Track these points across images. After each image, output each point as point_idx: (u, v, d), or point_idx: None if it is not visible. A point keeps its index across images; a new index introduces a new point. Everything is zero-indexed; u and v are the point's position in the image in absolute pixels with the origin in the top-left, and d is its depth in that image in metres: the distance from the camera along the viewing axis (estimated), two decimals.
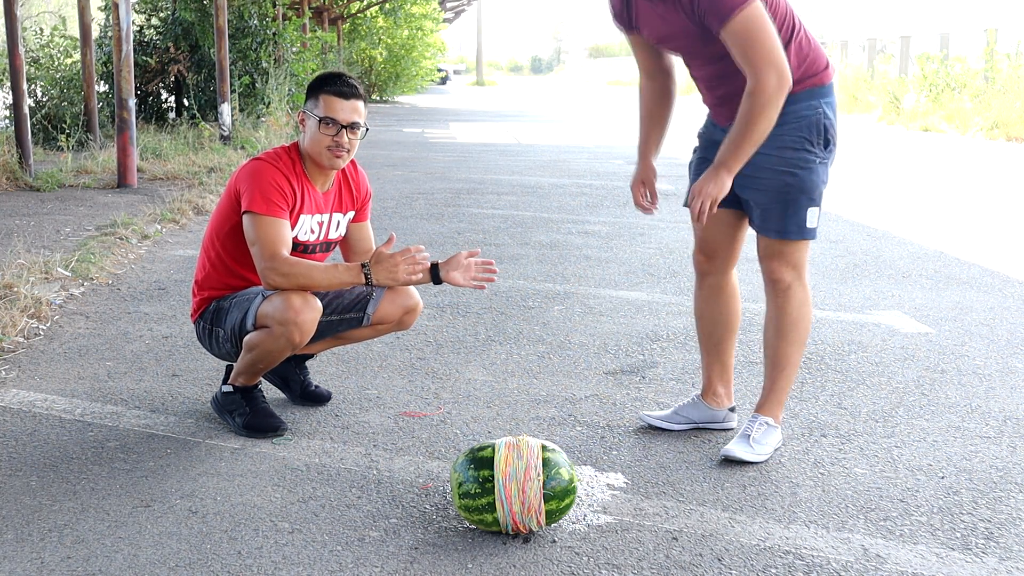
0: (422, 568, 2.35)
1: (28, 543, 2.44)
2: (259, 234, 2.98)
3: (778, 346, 3.03)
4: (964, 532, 2.56)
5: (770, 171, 2.89)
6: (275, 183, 3.02)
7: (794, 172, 2.88)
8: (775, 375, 3.06)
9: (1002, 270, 5.78)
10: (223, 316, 3.16)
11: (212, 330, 3.20)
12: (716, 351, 3.20)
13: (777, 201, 2.91)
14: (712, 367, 3.21)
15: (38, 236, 6.14)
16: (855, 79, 23.60)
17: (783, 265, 2.99)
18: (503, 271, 5.62)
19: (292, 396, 3.43)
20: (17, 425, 3.22)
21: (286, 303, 2.95)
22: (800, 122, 2.86)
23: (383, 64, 30.16)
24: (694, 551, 2.45)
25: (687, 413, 3.21)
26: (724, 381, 3.21)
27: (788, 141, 2.86)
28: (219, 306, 3.18)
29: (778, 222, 2.94)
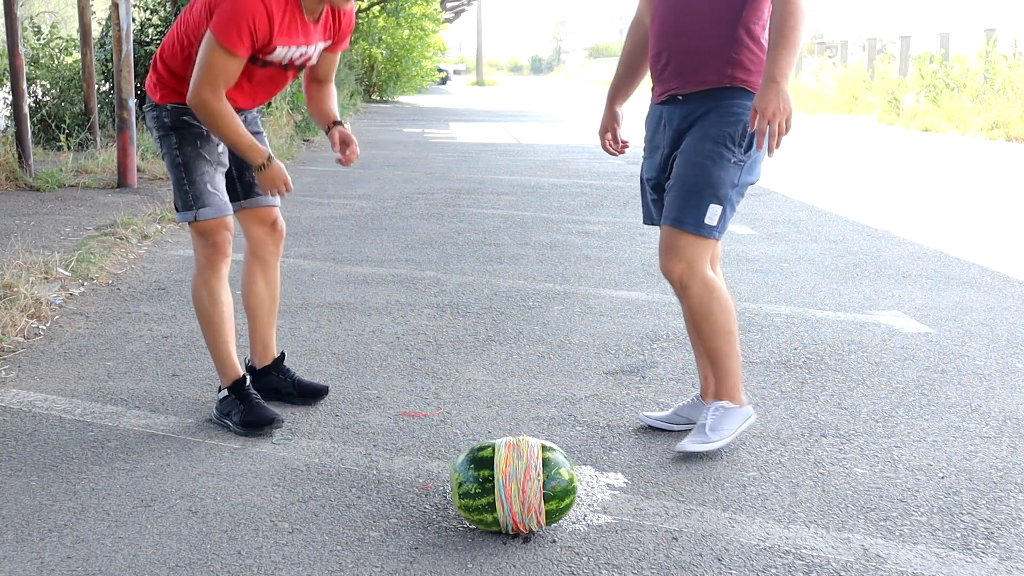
0: (422, 568, 2.35)
1: (28, 543, 2.44)
2: (208, 61, 2.94)
3: (702, 342, 3.04)
4: (964, 532, 2.56)
5: (684, 157, 2.88)
6: (250, 18, 2.91)
7: (705, 163, 2.84)
8: (715, 367, 3.05)
9: (1002, 270, 5.78)
10: (174, 152, 3.15)
11: (166, 141, 3.18)
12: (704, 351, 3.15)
13: (681, 189, 2.87)
14: (704, 366, 3.19)
15: (38, 236, 6.14)
16: (855, 79, 23.59)
17: (674, 259, 2.92)
18: (503, 271, 5.62)
19: (291, 398, 3.42)
20: (17, 425, 3.22)
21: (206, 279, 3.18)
22: (730, 118, 2.83)
23: (383, 64, 30.16)
24: (694, 551, 2.45)
25: (687, 414, 3.21)
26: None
27: (713, 133, 2.84)
28: (175, 135, 3.14)
29: (676, 211, 2.88)
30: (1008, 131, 15.62)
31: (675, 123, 2.92)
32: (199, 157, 3.14)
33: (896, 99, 19.97)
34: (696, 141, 2.85)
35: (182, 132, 3.13)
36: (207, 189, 3.14)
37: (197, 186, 3.13)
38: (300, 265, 5.72)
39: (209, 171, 3.15)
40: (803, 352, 4.12)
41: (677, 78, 2.89)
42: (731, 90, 2.84)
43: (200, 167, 3.14)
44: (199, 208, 3.13)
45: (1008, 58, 18.73)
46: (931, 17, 27.34)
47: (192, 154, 3.13)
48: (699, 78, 2.85)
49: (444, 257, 6.05)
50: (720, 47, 2.82)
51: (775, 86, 2.69)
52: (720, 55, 2.83)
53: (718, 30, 2.81)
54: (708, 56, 2.83)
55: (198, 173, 3.13)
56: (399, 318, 4.61)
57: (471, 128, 18.74)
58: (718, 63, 2.83)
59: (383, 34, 29.29)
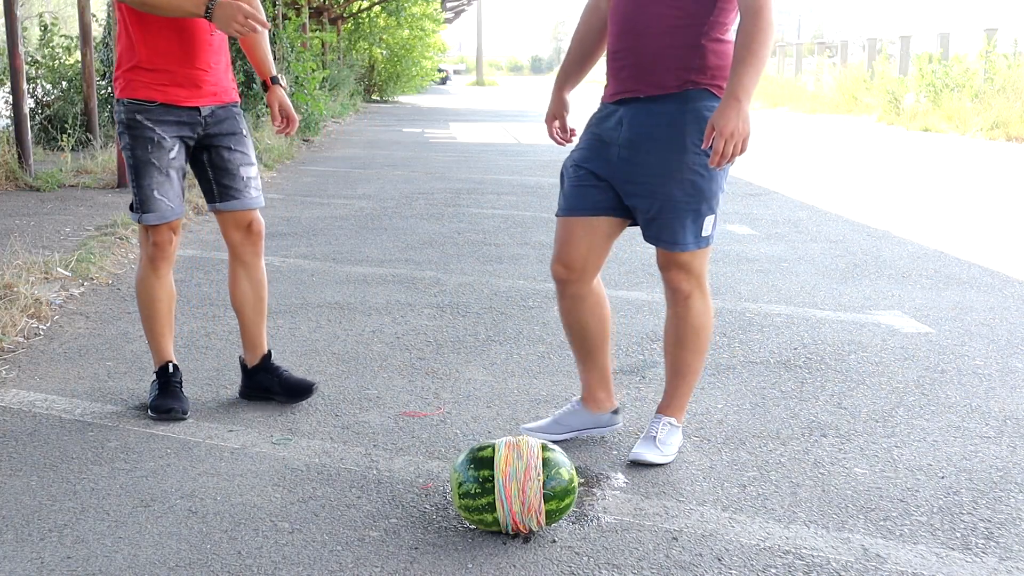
0: (422, 568, 2.35)
1: (28, 543, 2.44)
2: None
3: (679, 355, 2.95)
4: (964, 532, 2.56)
5: (667, 178, 2.74)
6: None
7: (694, 180, 2.74)
8: (677, 381, 2.99)
9: (1002, 270, 5.78)
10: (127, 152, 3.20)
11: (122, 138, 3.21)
12: (591, 359, 3.06)
13: (674, 210, 2.76)
14: (591, 375, 3.07)
15: (38, 236, 6.14)
16: (855, 79, 23.59)
17: (682, 274, 2.86)
18: (503, 271, 5.62)
19: (279, 397, 3.43)
20: (17, 425, 3.22)
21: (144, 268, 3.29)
22: (701, 123, 2.71)
23: (384, 64, 30.16)
24: (694, 551, 2.45)
25: (568, 421, 3.10)
26: (604, 386, 3.09)
27: (689, 144, 2.72)
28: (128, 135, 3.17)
29: (675, 233, 2.79)
30: (1008, 131, 15.61)
31: (634, 124, 2.78)
32: (148, 163, 3.16)
33: (896, 99, 19.97)
34: (676, 155, 2.73)
35: (135, 133, 3.15)
36: (153, 196, 3.18)
37: (144, 191, 3.18)
38: (300, 265, 5.72)
39: (158, 178, 3.17)
40: (803, 352, 4.12)
41: (636, 79, 2.77)
42: (695, 92, 2.72)
43: (149, 173, 3.17)
44: (144, 212, 3.21)
45: (1008, 58, 18.73)
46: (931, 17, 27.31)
47: (142, 159, 3.16)
48: (659, 82, 2.74)
49: (444, 257, 6.05)
50: (682, 52, 2.71)
51: (736, 104, 2.57)
52: (681, 60, 2.71)
53: (681, 34, 2.70)
54: (669, 60, 2.72)
55: (146, 179, 3.17)
56: (399, 318, 4.61)
57: (471, 128, 18.74)
58: (678, 68, 2.72)
59: (383, 34, 29.30)
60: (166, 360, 3.38)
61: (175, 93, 3.15)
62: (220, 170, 3.28)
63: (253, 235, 3.37)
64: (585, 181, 2.89)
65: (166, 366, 3.37)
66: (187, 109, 3.18)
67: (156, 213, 3.20)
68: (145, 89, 3.14)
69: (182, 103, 3.17)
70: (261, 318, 3.48)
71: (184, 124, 3.19)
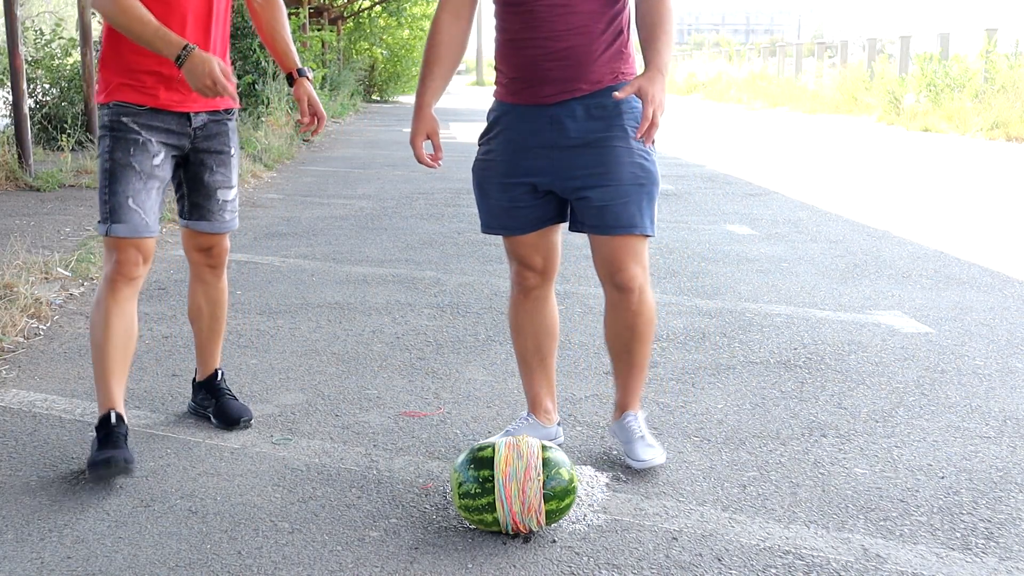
0: (422, 568, 2.35)
1: (28, 543, 2.44)
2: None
3: (639, 350, 2.90)
4: (964, 532, 2.56)
5: (617, 163, 2.71)
6: None
7: (643, 163, 2.75)
8: (637, 375, 2.95)
9: (1002, 270, 5.78)
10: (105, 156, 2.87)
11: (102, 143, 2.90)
12: (543, 366, 3.03)
13: (631, 194, 2.73)
14: (540, 383, 3.03)
15: (38, 236, 6.14)
16: (855, 79, 23.58)
17: (638, 267, 2.80)
18: (503, 271, 5.62)
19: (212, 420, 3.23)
20: (17, 425, 3.22)
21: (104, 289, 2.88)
22: (634, 112, 2.75)
23: (384, 64, 30.18)
24: (694, 551, 2.45)
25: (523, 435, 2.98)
26: (551, 395, 3.07)
27: (629, 131, 2.74)
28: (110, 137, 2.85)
29: (632, 216, 2.75)
30: (1008, 131, 15.61)
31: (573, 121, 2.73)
32: (128, 167, 2.82)
33: (896, 99, 19.97)
34: (622, 142, 2.72)
35: (117, 135, 2.84)
36: (127, 204, 2.81)
37: (117, 198, 2.82)
38: (300, 265, 5.72)
39: (135, 184, 2.82)
40: (803, 352, 4.12)
41: (575, 79, 2.72)
42: (624, 84, 2.71)
43: (126, 177, 2.82)
44: (113, 223, 2.82)
45: (1009, 58, 18.72)
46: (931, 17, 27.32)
47: (121, 161, 2.82)
48: (597, 78, 2.72)
49: (444, 257, 6.05)
50: (613, 45, 2.74)
51: (662, 77, 2.59)
52: (613, 53, 2.74)
53: (606, 29, 2.72)
54: (606, 56, 2.73)
55: (122, 184, 2.82)
56: (399, 318, 4.61)
57: (471, 128, 18.74)
58: (612, 62, 2.74)
59: (383, 34, 29.31)
60: (110, 408, 2.85)
61: (167, 97, 2.86)
62: (196, 189, 3.03)
63: (214, 258, 3.14)
64: (521, 202, 2.82)
65: (108, 415, 2.84)
66: (177, 116, 2.89)
67: (127, 224, 2.81)
68: (133, 92, 2.84)
69: (173, 108, 2.88)
70: (215, 335, 3.25)
71: (173, 132, 2.90)
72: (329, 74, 20.88)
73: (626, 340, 2.90)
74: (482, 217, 2.95)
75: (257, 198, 8.51)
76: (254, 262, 5.77)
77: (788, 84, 28.07)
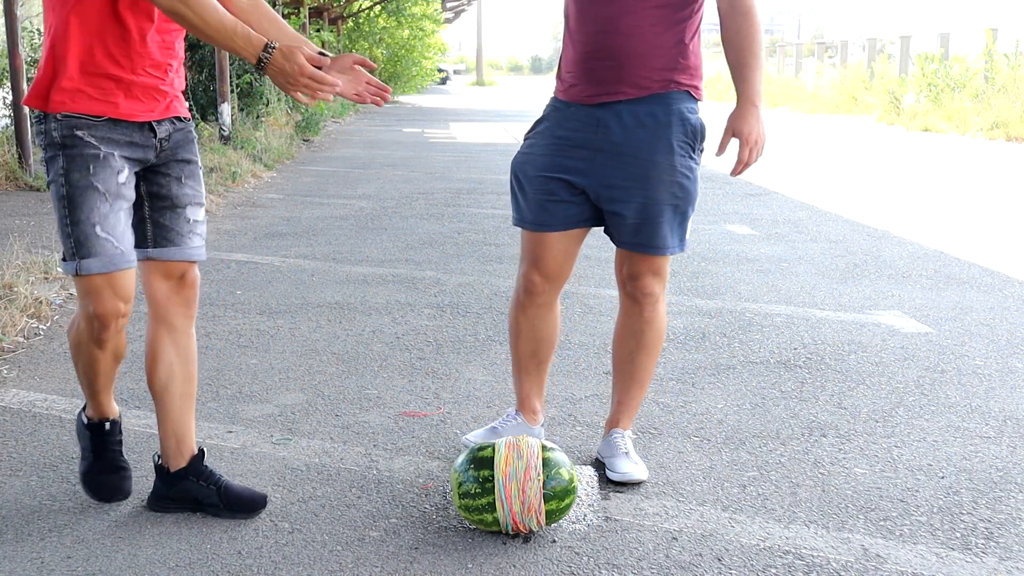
0: (422, 568, 2.35)
1: (28, 543, 2.44)
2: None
3: (643, 362, 2.88)
4: (964, 532, 2.56)
5: (656, 180, 2.67)
6: None
7: (683, 183, 2.70)
8: (637, 391, 2.93)
9: (1002, 270, 5.78)
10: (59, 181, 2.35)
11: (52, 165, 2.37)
12: (539, 370, 3.01)
13: (662, 214, 2.70)
14: (532, 386, 3.02)
15: (38, 236, 6.14)
16: (855, 79, 23.59)
17: (656, 280, 2.81)
18: (503, 271, 5.62)
19: (216, 510, 2.62)
20: (17, 425, 3.22)
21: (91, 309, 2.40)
22: (685, 125, 2.68)
23: (384, 64, 30.18)
24: (694, 551, 2.45)
25: (507, 431, 3.01)
26: (540, 397, 3.06)
27: (677, 148, 2.67)
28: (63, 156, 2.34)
29: (663, 238, 2.72)
30: (1008, 131, 15.62)
31: (618, 127, 2.69)
32: (89, 189, 2.32)
33: (896, 99, 19.97)
34: (664, 157, 2.67)
35: (71, 153, 2.32)
36: (95, 233, 2.32)
37: (82, 228, 2.32)
38: (300, 265, 5.72)
39: (101, 208, 2.33)
40: (803, 352, 4.12)
41: (619, 81, 2.68)
42: (677, 94, 2.68)
43: (89, 202, 2.33)
44: (81, 259, 2.33)
45: (1009, 58, 18.72)
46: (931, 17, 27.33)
47: (81, 184, 2.32)
48: (644, 83, 2.66)
49: (444, 257, 6.05)
50: (668, 51, 2.65)
51: (755, 110, 2.57)
52: (666, 60, 2.66)
53: (667, 34, 2.65)
54: (655, 60, 2.65)
55: (86, 210, 2.32)
56: (399, 318, 4.61)
57: (471, 128, 18.74)
58: (663, 68, 2.66)
59: (383, 34, 29.32)
60: (103, 417, 2.67)
61: (127, 107, 2.38)
62: (161, 207, 2.48)
63: (186, 288, 2.55)
64: (556, 196, 2.77)
65: (101, 424, 2.67)
66: (139, 127, 2.40)
67: (99, 258, 2.33)
68: (89, 101, 2.33)
69: (136, 118, 2.39)
70: (190, 404, 2.62)
71: (136, 146, 2.40)
72: None
73: (632, 349, 2.89)
74: (515, 211, 2.90)
75: (257, 198, 8.51)
76: (254, 262, 5.77)
77: (788, 84, 28.07)
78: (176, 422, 2.60)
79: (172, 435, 2.61)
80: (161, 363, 2.55)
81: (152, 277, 2.52)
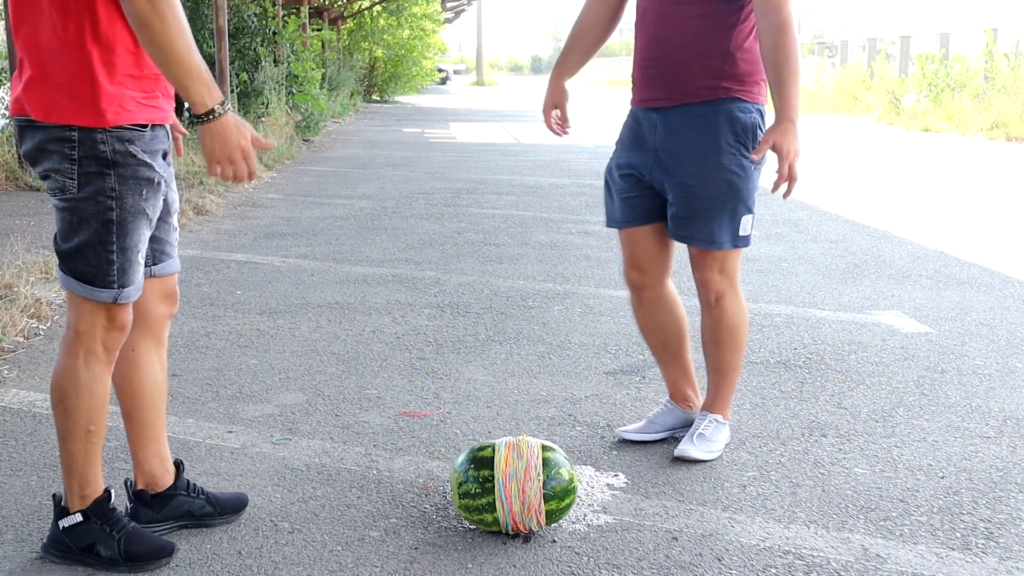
0: (422, 568, 2.35)
1: (28, 543, 2.44)
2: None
3: (719, 355, 2.99)
4: (964, 532, 2.56)
5: (704, 178, 2.79)
6: None
7: (731, 180, 2.79)
8: (720, 380, 3.02)
9: (1002, 270, 5.78)
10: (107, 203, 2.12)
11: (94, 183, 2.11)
12: (675, 359, 3.11)
13: (711, 209, 2.80)
14: (675, 374, 3.13)
15: (38, 236, 6.14)
16: (855, 79, 23.59)
17: (716, 274, 2.90)
18: (503, 271, 5.62)
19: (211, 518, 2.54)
20: (17, 425, 3.22)
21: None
22: (735, 124, 2.77)
23: (384, 64, 30.19)
24: (694, 551, 2.45)
25: (663, 420, 3.13)
26: (691, 385, 3.14)
27: (726, 147, 2.76)
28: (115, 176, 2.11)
29: (712, 232, 2.83)
30: (1008, 131, 15.62)
31: (668, 129, 2.83)
32: (141, 216, 2.16)
33: (896, 99, 19.97)
34: (712, 156, 2.77)
35: (125, 174, 2.11)
36: (137, 261, 2.19)
37: (128, 256, 2.17)
38: (300, 265, 5.72)
39: (146, 234, 2.21)
40: (803, 352, 4.12)
41: (668, 88, 2.80)
42: (726, 100, 2.76)
43: (140, 230, 2.17)
44: (122, 287, 2.18)
45: (1010, 57, 18.73)
46: (931, 17, 27.34)
47: (135, 210, 2.14)
48: (692, 91, 2.77)
49: (444, 257, 6.05)
50: (713, 61, 2.74)
51: (792, 126, 2.63)
52: (713, 69, 2.75)
53: (711, 43, 2.73)
54: (701, 70, 2.75)
55: (135, 238, 2.17)
56: (399, 318, 4.61)
57: (471, 128, 18.74)
58: (710, 76, 2.75)
59: (384, 34, 29.33)
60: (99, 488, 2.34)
61: (167, 107, 2.21)
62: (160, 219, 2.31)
63: (175, 299, 2.47)
64: (632, 192, 2.94)
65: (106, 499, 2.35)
66: (166, 131, 2.24)
67: (136, 286, 2.21)
68: (138, 108, 2.12)
69: (167, 120, 2.23)
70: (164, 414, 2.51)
71: (166, 154, 2.24)
72: (329, 73, 20.89)
73: (709, 344, 3.01)
74: (606, 214, 3.08)
75: (257, 198, 8.51)
76: (254, 262, 5.77)
77: None
78: (159, 440, 2.49)
79: (156, 454, 2.49)
80: (147, 378, 2.43)
81: (151, 294, 2.37)
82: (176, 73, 1.99)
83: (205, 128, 2.02)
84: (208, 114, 2.02)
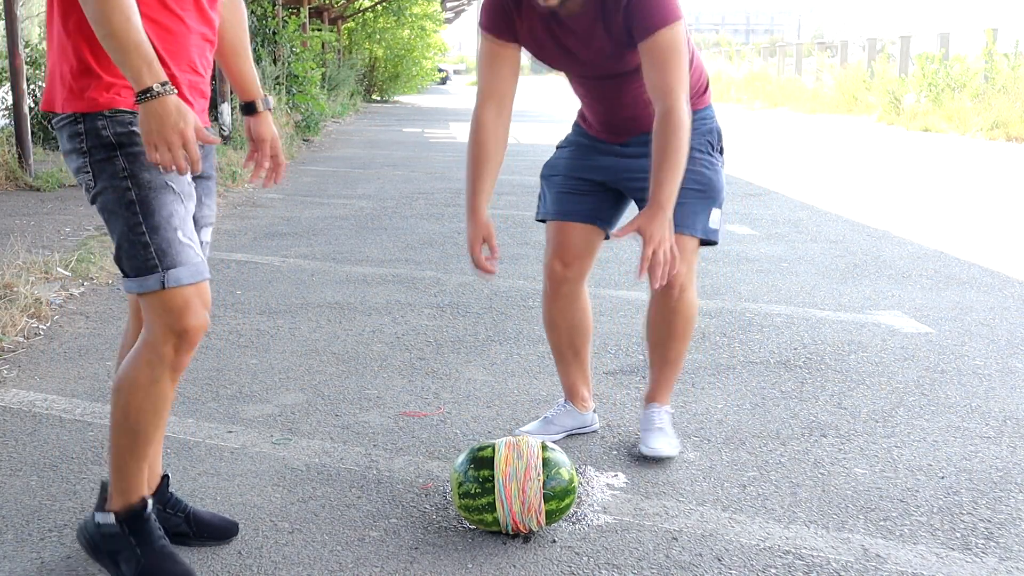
0: (422, 568, 2.35)
1: (28, 543, 2.44)
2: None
3: (672, 346, 3.00)
4: (964, 532, 2.56)
5: None
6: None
7: (702, 171, 2.86)
8: (669, 371, 3.05)
9: (1002, 270, 5.78)
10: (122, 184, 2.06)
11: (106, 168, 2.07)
12: (577, 359, 3.13)
13: (686, 196, 2.77)
14: (575, 375, 3.14)
15: (38, 236, 6.14)
16: (854, 79, 23.59)
17: (683, 266, 2.87)
18: (503, 271, 5.62)
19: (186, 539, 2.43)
20: (17, 425, 3.22)
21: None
22: (700, 129, 2.87)
23: (384, 64, 30.20)
24: (694, 551, 2.45)
25: (562, 421, 3.15)
26: (587, 385, 3.18)
27: (693, 145, 2.77)
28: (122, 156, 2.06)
29: (685, 216, 2.81)
30: (1008, 131, 15.61)
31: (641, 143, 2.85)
32: (164, 188, 2.06)
33: (896, 99, 19.97)
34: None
35: (134, 151, 2.05)
36: (178, 239, 2.06)
37: (163, 234, 2.05)
38: (300, 265, 5.72)
39: (179, 209, 2.08)
40: (803, 352, 4.12)
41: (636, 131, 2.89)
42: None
43: (167, 204, 2.07)
44: (167, 269, 2.05)
45: (1010, 57, 18.72)
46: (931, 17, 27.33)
47: (154, 183, 2.05)
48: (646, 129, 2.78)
49: (444, 257, 6.05)
50: None
51: (663, 214, 2.53)
52: None
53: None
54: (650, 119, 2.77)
55: (164, 213, 2.06)
56: (399, 318, 4.61)
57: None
58: None
59: (384, 34, 29.35)
60: (143, 494, 2.24)
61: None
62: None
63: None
64: (578, 189, 2.99)
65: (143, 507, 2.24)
66: None
67: (187, 267, 2.07)
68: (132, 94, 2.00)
69: None
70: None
71: None
72: (329, 73, 20.89)
73: (662, 335, 3.00)
74: (539, 208, 3.10)
75: (257, 198, 8.51)
76: (254, 262, 5.77)
77: (788, 84, 28.07)
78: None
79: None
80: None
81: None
82: (112, 47, 1.93)
83: (143, 107, 1.94)
84: (145, 92, 1.92)
